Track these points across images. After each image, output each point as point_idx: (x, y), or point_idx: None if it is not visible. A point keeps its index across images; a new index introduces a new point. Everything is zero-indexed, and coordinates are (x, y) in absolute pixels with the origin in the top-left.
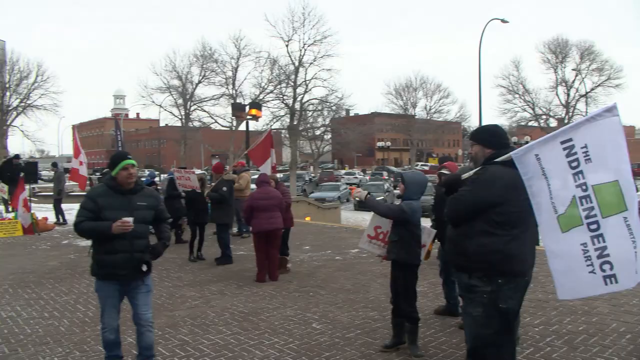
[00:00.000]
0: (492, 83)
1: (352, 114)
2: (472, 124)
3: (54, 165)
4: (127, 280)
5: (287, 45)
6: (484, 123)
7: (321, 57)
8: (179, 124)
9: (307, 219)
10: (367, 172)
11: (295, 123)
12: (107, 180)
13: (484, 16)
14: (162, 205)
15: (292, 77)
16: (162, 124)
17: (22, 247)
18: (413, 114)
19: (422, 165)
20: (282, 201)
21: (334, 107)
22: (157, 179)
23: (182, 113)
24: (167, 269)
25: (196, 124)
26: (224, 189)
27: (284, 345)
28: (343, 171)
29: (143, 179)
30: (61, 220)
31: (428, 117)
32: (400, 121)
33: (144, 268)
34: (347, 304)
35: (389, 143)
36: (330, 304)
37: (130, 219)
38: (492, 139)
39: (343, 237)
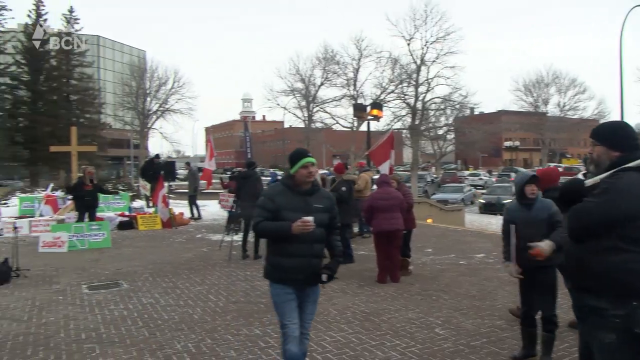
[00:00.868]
0: (635, 77)
1: (477, 112)
2: None
3: (188, 164)
4: (303, 285)
5: (408, 44)
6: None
7: (444, 54)
8: (302, 125)
9: (429, 221)
10: (494, 173)
11: (416, 123)
12: (284, 178)
13: (624, 4)
14: (336, 210)
15: (414, 76)
16: (286, 125)
17: (160, 240)
18: (544, 111)
19: (554, 166)
20: (403, 202)
21: (457, 106)
22: (279, 178)
23: (305, 114)
24: None
25: (318, 125)
26: (343, 189)
27: (406, 349)
28: (467, 172)
29: (268, 178)
30: (196, 215)
31: (561, 115)
32: (530, 119)
33: (324, 278)
34: (473, 311)
35: (517, 143)
36: (454, 310)
37: (310, 218)
38: (619, 139)
39: (467, 240)
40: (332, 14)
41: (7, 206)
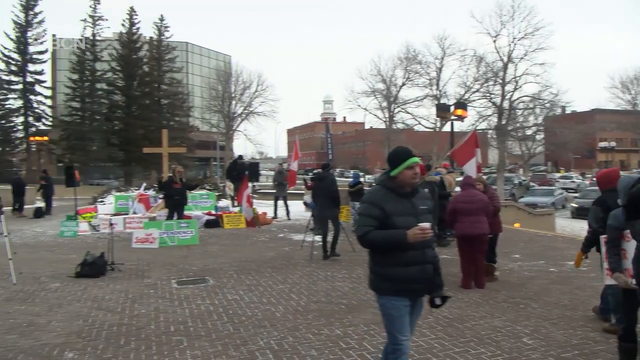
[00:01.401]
0: None
1: (568, 111)
2: None
3: (280, 164)
4: (419, 295)
5: (494, 41)
6: None
7: (533, 51)
8: (383, 126)
9: (517, 225)
10: (587, 175)
11: (503, 122)
12: (384, 181)
13: None
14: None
15: (500, 74)
16: (366, 126)
17: (245, 238)
18: None
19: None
20: (489, 205)
21: (547, 105)
22: (362, 179)
23: (386, 115)
24: None
25: (400, 125)
26: (425, 190)
27: (491, 357)
28: (558, 174)
29: (349, 179)
30: (280, 215)
31: None
32: (628, 118)
33: (438, 302)
34: (563, 321)
35: (613, 143)
36: (544, 319)
37: (428, 225)
38: None
39: (558, 247)
40: (414, 13)
41: (104, 204)
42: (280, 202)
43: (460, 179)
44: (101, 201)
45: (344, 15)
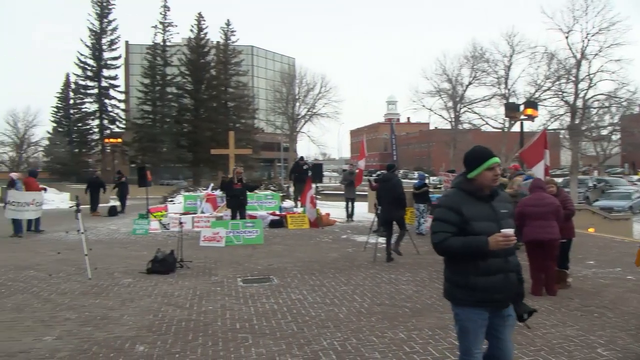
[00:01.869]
0: None
1: None
2: None
3: (351, 165)
4: (500, 307)
5: (566, 37)
6: None
7: (608, 46)
8: (448, 126)
9: (591, 230)
10: None
11: (576, 122)
12: (461, 183)
13: None
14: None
15: (573, 71)
16: (431, 127)
17: (308, 239)
18: None
19: None
20: (559, 209)
21: (624, 103)
22: (427, 180)
23: (452, 115)
24: (437, 270)
25: (466, 126)
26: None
27: None
28: (636, 177)
29: (415, 181)
30: (346, 217)
31: None
32: None
33: (526, 316)
34: None
35: None
36: (620, 329)
37: (511, 231)
38: None
39: (636, 253)
40: (481, 10)
41: (174, 203)
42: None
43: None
44: (171, 201)
45: (408, 13)
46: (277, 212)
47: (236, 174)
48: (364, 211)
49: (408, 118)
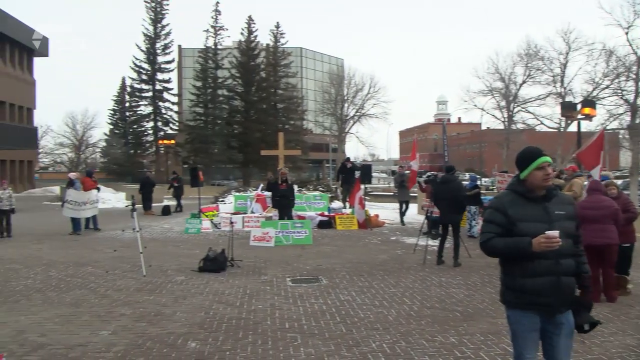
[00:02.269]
0: None
1: None
2: None
3: (401, 167)
4: (550, 312)
5: (626, 33)
6: None
7: None
8: (501, 126)
9: None
10: None
11: (637, 122)
12: (513, 184)
13: None
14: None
15: (634, 68)
16: (483, 127)
17: (357, 240)
18: None
19: None
20: (617, 212)
21: None
22: (478, 182)
23: (505, 115)
24: (489, 274)
25: (519, 126)
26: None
27: None
28: None
29: (465, 182)
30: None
31: None
32: None
33: (587, 327)
34: None
35: None
36: None
37: (556, 233)
38: None
39: None
40: (535, 6)
41: (225, 203)
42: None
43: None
44: (222, 201)
45: (458, 11)
46: (326, 213)
47: (281, 175)
48: (413, 213)
49: (459, 118)
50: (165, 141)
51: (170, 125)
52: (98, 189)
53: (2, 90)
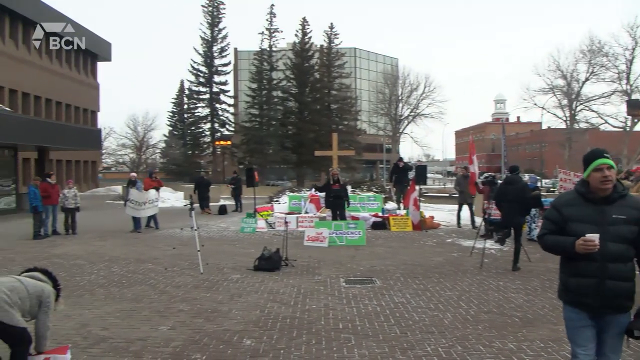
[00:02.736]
0: None
1: None
2: None
3: (465, 168)
4: (594, 312)
5: None
6: None
7: None
8: (562, 125)
9: None
10: None
11: None
12: (578, 184)
13: None
14: None
15: None
16: (543, 126)
17: (411, 241)
18: None
19: None
20: None
21: None
22: (539, 184)
23: (567, 114)
24: (550, 279)
25: (582, 125)
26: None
27: None
28: None
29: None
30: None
31: None
32: None
33: (637, 334)
34: None
35: None
36: None
37: (595, 236)
38: None
39: None
40: (598, 1)
41: (279, 203)
42: (465, 208)
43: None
44: (276, 201)
45: (517, 6)
46: (380, 214)
47: (332, 175)
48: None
49: (518, 117)
50: (221, 142)
51: (227, 126)
52: (157, 188)
53: (69, 94)
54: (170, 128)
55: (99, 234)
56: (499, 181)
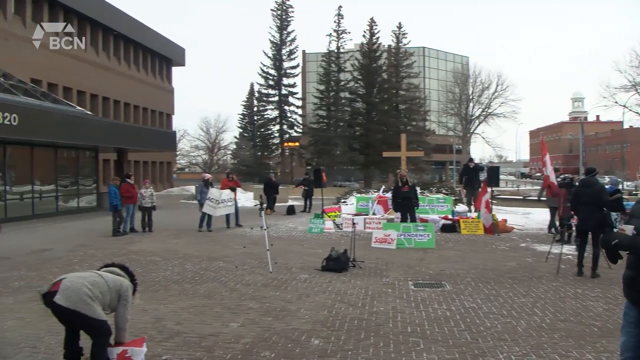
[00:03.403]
0: None
1: None
2: None
3: (556, 170)
4: (635, 304)
5: None
6: None
7: None
8: None
9: None
10: None
11: None
12: None
13: None
14: None
15: None
16: (625, 125)
17: (482, 245)
18: None
19: None
20: None
21: None
22: (620, 186)
23: None
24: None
25: None
26: None
27: None
28: None
29: (608, 186)
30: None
31: None
32: None
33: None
34: None
35: None
36: None
37: (629, 227)
38: None
39: None
40: None
41: (346, 204)
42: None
43: None
44: (344, 202)
45: (597, 1)
46: (450, 216)
47: (401, 177)
48: (545, 218)
49: (597, 116)
50: (290, 143)
51: (295, 128)
52: (232, 189)
53: (146, 98)
54: (241, 130)
55: (174, 232)
56: (577, 184)
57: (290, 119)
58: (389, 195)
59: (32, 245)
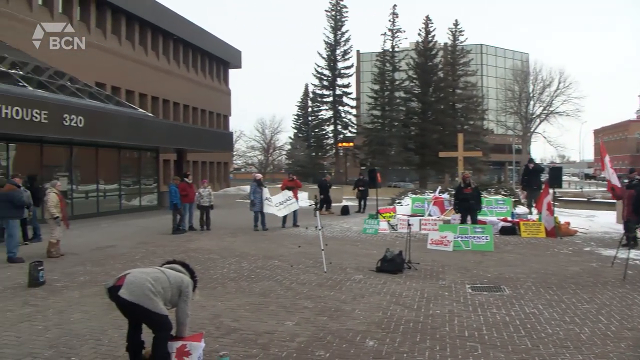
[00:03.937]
0: None
1: None
2: None
3: (632, 171)
4: None
5: None
6: None
7: None
8: None
9: None
10: None
11: None
12: None
13: None
14: None
15: None
16: None
17: (544, 249)
18: None
19: None
20: None
21: None
22: None
23: None
24: None
25: None
26: None
27: None
28: None
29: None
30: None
31: None
32: None
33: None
34: None
35: None
36: None
37: None
38: None
39: None
40: None
41: (401, 205)
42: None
43: None
44: (399, 202)
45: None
46: (509, 219)
47: (464, 179)
48: (611, 221)
49: None
50: (344, 144)
51: (349, 128)
52: (290, 188)
53: (204, 100)
54: (295, 130)
55: (231, 230)
56: None
57: (344, 119)
58: (445, 196)
59: (97, 241)
